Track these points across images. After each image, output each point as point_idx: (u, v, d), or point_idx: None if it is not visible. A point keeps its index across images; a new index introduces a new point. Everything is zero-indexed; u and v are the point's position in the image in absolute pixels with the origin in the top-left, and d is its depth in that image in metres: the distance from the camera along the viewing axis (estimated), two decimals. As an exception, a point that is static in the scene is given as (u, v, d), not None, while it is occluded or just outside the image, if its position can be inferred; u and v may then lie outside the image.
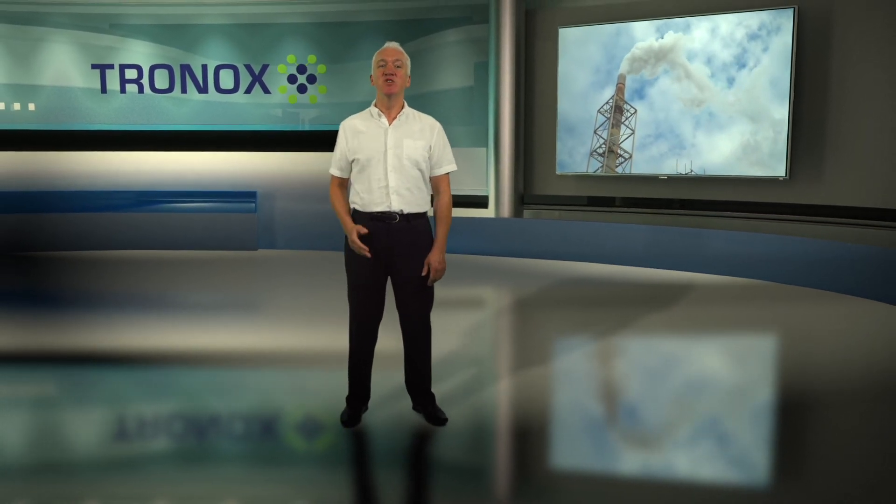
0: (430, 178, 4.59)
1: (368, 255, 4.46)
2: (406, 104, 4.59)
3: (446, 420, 4.71)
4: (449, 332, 6.70)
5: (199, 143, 12.31)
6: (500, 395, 5.45)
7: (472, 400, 5.26)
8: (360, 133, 4.51)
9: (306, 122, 12.96)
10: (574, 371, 6.13)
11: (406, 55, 4.58)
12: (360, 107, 11.33)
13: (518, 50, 11.58)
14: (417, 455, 4.55)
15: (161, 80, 12.79)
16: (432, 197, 4.65)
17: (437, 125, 4.62)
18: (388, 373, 5.13)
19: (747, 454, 4.61)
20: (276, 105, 12.94)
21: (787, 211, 10.24)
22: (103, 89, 12.71)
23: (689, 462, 4.51)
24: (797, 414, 5.23)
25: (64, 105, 12.75)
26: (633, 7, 11.11)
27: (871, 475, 4.22)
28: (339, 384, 5.44)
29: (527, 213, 12.11)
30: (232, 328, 7.60)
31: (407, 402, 4.91)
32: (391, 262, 4.54)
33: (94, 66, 12.68)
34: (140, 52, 12.77)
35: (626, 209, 11.43)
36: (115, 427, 5.04)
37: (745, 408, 5.40)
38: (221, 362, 6.41)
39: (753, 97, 9.98)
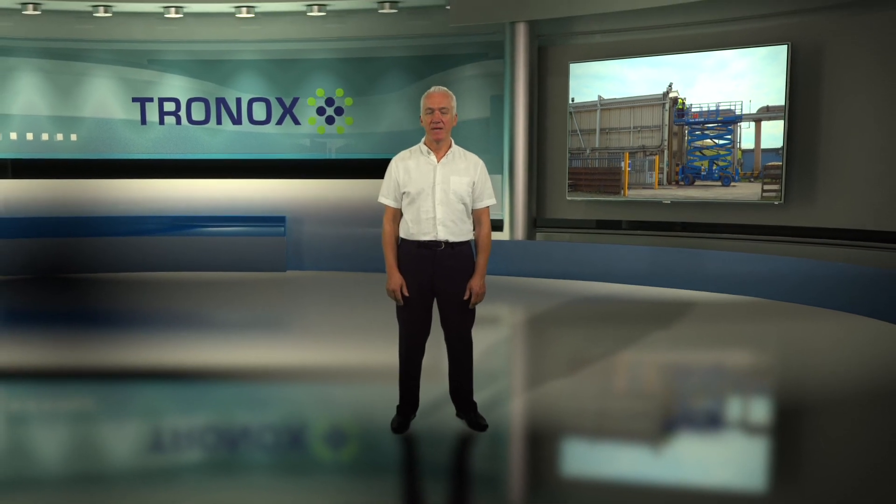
0: (472, 210, 4.78)
1: (402, 302, 4.75)
2: (453, 143, 4.77)
3: (486, 426, 4.91)
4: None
5: (232, 170, 12.53)
6: (530, 405, 5.62)
7: (506, 409, 5.49)
8: (411, 169, 4.72)
9: (333, 150, 13.22)
10: (594, 383, 6.23)
11: (452, 96, 4.76)
12: (384, 137, 12.19)
13: (531, 84, 11.76)
14: (461, 458, 4.76)
15: (198, 112, 13.06)
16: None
17: (481, 163, 4.82)
18: (433, 383, 5.24)
19: (751, 460, 4.85)
20: (305, 135, 13.18)
21: (783, 233, 10.34)
22: (143, 121, 12.99)
23: (696, 467, 4.70)
24: (795, 421, 5.47)
25: (104, 135, 13.01)
26: (638, 44, 11.36)
27: (864, 479, 4.41)
28: (364, 397, 5.82)
29: (539, 235, 12.26)
30: (262, 345, 7.68)
31: (451, 409, 5.08)
32: (437, 285, 4.77)
33: (134, 100, 12.97)
34: (178, 86, 13.08)
35: (631, 232, 11.58)
36: (149, 439, 5.16)
37: (748, 417, 5.68)
38: (252, 377, 6.51)
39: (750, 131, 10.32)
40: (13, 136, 12.92)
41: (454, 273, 4.76)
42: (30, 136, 12.97)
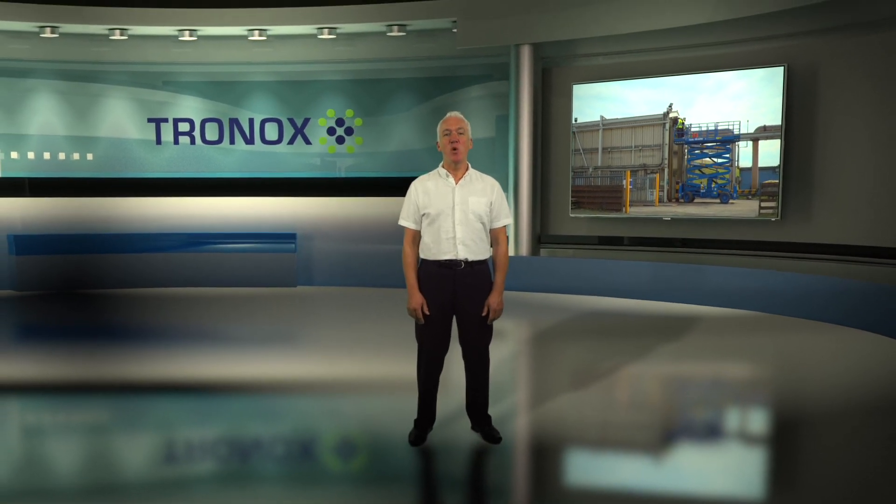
0: (490, 229, 4.88)
1: (422, 320, 4.82)
2: (470, 166, 4.88)
3: (501, 439, 4.98)
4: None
5: (244, 189, 12.61)
6: (540, 418, 5.65)
7: (519, 422, 5.55)
8: (430, 191, 4.82)
9: (343, 169, 13.39)
10: (600, 396, 6.30)
11: (466, 122, 4.85)
12: (393, 156, 12.39)
13: (535, 104, 11.96)
14: (477, 469, 4.83)
15: (211, 132, 13.29)
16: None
17: (497, 185, 4.91)
18: (448, 397, 5.29)
19: (750, 470, 4.92)
20: (316, 155, 13.36)
21: (780, 248, 10.48)
22: (158, 141, 13.22)
23: (697, 477, 4.78)
24: (793, 432, 5.55)
25: (120, 155, 13.22)
26: (639, 65, 11.56)
27: (860, 489, 4.47)
28: (377, 409, 5.88)
29: (543, 251, 12.39)
30: (273, 358, 7.71)
31: (466, 422, 5.13)
32: (456, 303, 4.83)
33: (150, 120, 13.21)
34: (192, 107, 13.30)
35: (633, 247, 11.72)
36: (164, 450, 5.18)
37: (747, 428, 5.78)
38: (263, 390, 6.54)
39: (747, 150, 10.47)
40: (31, 155, 13.13)
41: (473, 291, 4.84)
42: (47, 155, 13.18)
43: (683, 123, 11.02)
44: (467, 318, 4.88)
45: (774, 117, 10.24)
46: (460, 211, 4.77)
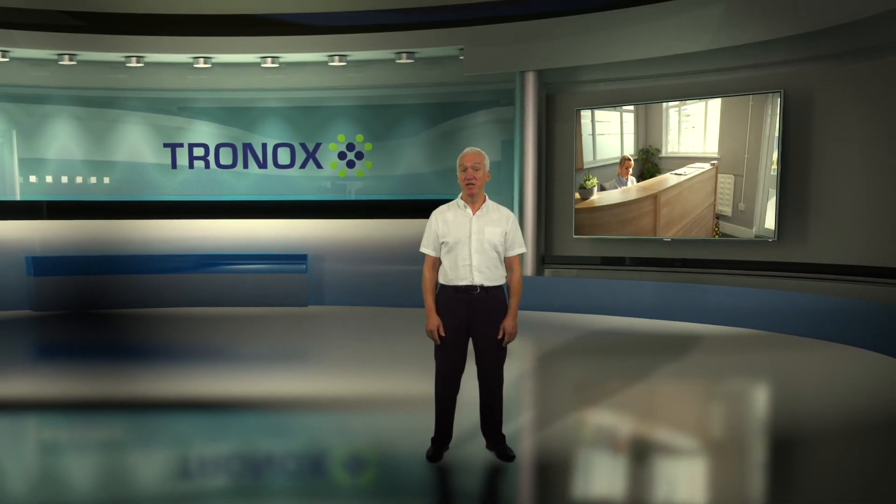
0: (505, 257, 5.06)
1: (438, 341, 4.99)
2: (487, 197, 5.07)
3: (514, 457, 5.13)
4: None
5: (257, 211, 12.75)
6: (551, 435, 5.73)
7: (531, 439, 5.65)
8: (449, 221, 5.03)
9: (352, 192, 13.49)
10: (608, 413, 6.43)
11: (484, 155, 5.04)
12: (401, 179, 12.47)
13: (540, 129, 12.15)
14: (491, 486, 4.92)
15: (225, 156, 13.42)
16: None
17: (512, 216, 5.11)
18: (463, 416, 5.34)
19: (750, 484, 4.98)
20: (327, 178, 13.47)
21: (776, 268, 10.65)
22: (174, 165, 13.34)
23: (697, 490, 4.91)
24: (792, 447, 5.63)
25: (136, 178, 13.33)
26: (640, 91, 11.75)
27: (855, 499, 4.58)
28: (386, 426, 5.99)
29: (548, 271, 12.57)
30: (285, 376, 7.82)
31: (481, 441, 5.28)
32: (472, 326, 5.00)
33: (165, 145, 13.34)
34: (206, 132, 13.43)
35: (634, 268, 11.89)
36: (178, 466, 5.24)
37: (748, 443, 5.84)
38: (275, 406, 6.63)
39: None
40: (49, 178, 13.25)
41: (489, 314, 5.00)
42: (65, 179, 13.29)
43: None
44: (482, 341, 5.05)
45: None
46: (476, 240, 4.96)
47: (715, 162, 10.90)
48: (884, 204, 9.78)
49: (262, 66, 12.96)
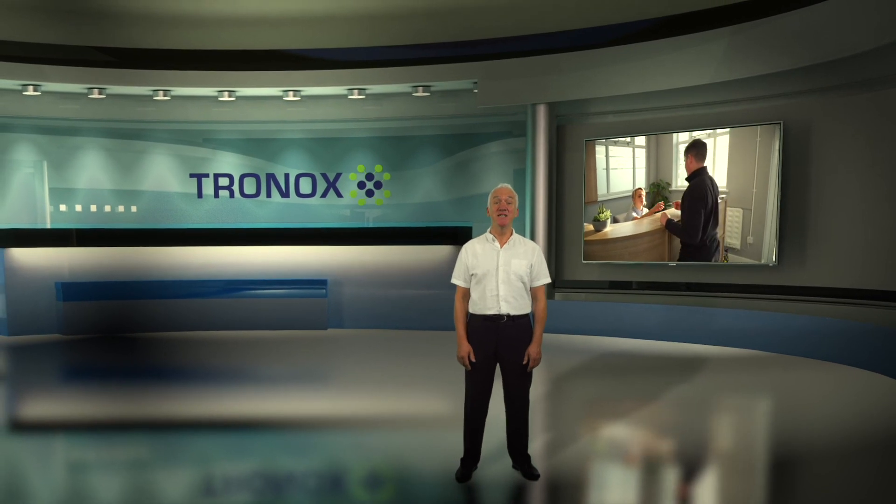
0: (530, 288, 5.23)
1: (469, 367, 5.17)
2: (514, 231, 5.26)
3: (538, 476, 5.29)
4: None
5: (279, 238, 12.82)
6: (572, 454, 5.85)
7: (555, 458, 5.75)
8: (479, 254, 5.21)
9: (371, 219, 13.74)
10: (624, 432, 6.53)
11: (516, 194, 5.27)
12: (418, 207, 12.55)
13: (550, 159, 12.38)
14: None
15: (249, 186, 13.73)
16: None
17: (538, 248, 5.29)
18: (490, 436, 5.43)
19: (758, 499, 5.08)
20: (346, 206, 13.72)
21: (777, 292, 10.80)
22: (199, 194, 13.65)
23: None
24: (795, 464, 5.73)
25: (162, 207, 13.65)
26: (647, 123, 11.99)
27: None
28: (400, 444, 6.09)
29: (558, 295, 12.78)
30: (305, 396, 7.94)
31: (508, 461, 5.41)
32: (500, 353, 5.19)
33: (192, 175, 13.68)
34: (231, 163, 13.74)
35: (641, 291, 12.06)
36: (202, 484, 5.31)
37: (754, 460, 5.97)
38: (296, 426, 6.74)
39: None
40: (78, 207, 13.58)
41: (515, 342, 5.17)
42: (93, 207, 13.63)
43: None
44: (509, 366, 5.24)
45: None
46: (503, 272, 5.15)
47: (724, 196, 11.15)
48: (879, 230, 9.97)
49: (285, 99, 13.24)
